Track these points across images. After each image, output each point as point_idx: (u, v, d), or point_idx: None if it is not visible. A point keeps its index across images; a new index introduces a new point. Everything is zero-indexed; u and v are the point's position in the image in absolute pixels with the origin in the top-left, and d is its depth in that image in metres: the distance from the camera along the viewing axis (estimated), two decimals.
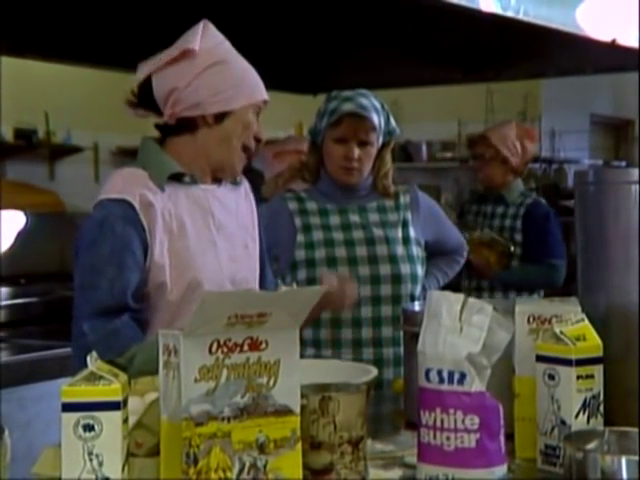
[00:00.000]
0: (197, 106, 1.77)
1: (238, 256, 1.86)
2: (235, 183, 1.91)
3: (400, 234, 2.35)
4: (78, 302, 1.73)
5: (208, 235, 1.81)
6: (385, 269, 2.30)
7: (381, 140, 2.33)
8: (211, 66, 1.77)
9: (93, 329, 1.68)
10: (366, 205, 2.38)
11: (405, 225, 2.37)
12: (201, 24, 1.80)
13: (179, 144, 1.81)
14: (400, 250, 2.32)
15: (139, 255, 1.71)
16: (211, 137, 1.80)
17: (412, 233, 2.37)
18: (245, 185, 1.96)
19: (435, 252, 2.49)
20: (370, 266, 2.30)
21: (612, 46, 3.48)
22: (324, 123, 2.32)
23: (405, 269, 2.31)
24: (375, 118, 2.28)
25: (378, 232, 2.34)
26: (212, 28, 1.82)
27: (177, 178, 1.80)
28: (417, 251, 2.37)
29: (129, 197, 1.72)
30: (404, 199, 2.40)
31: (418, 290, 2.34)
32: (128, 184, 1.75)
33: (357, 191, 2.38)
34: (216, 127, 1.79)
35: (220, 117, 1.78)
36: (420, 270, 2.36)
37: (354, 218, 2.35)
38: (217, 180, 1.87)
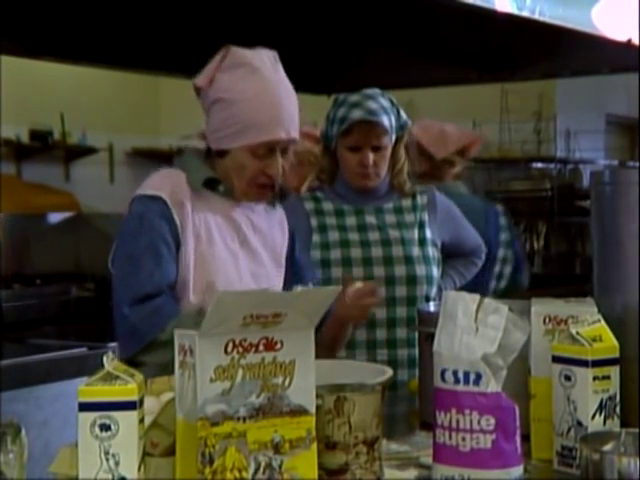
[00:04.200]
0: (207, 137, 1.85)
1: (260, 273, 1.89)
2: (272, 205, 1.95)
3: (416, 235, 2.35)
4: (118, 290, 1.78)
5: (231, 245, 1.85)
6: (400, 270, 2.29)
7: (394, 137, 2.32)
8: (213, 103, 1.81)
9: (134, 311, 1.74)
10: (382, 206, 2.37)
11: (421, 226, 2.36)
12: (221, 53, 1.81)
13: (214, 160, 1.88)
14: (416, 251, 2.32)
15: (174, 248, 1.78)
16: (221, 168, 1.85)
17: (428, 234, 2.36)
18: (281, 213, 1.99)
19: (452, 253, 2.48)
20: (385, 267, 2.29)
21: (628, 46, 3.46)
22: (335, 130, 2.31)
23: (420, 270, 2.30)
24: (386, 121, 2.26)
25: (394, 233, 2.33)
26: (236, 56, 1.81)
27: (212, 187, 1.85)
28: (433, 252, 2.36)
29: (162, 194, 1.79)
30: (421, 200, 2.39)
31: (433, 291, 2.33)
32: (163, 182, 1.82)
33: (374, 192, 2.37)
34: (221, 160, 1.84)
35: (220, 153, 1.84)
36: (436, 271, 2.35)
37: (370, 219, 2.35)
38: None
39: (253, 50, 1.84)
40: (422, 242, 2.34)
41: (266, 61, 1.82)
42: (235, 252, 1.85)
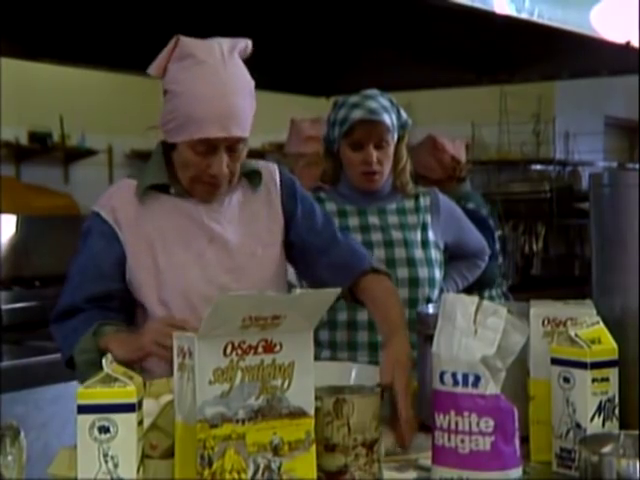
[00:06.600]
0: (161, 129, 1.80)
1: (239, 266, 1.81)
2: (254, 190, 1.85)
3: (419, 237, 2.34)
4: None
5: (195, 246, 1.78)
6: (402, 272, 2.28)
7: (395, 136, 2.32)
8: (164, 94, 1.76)
9: (56, 333, 1.79)
10: (385, 207, 2.36)
11: (424, 228, 2.36)
12: (172, 42, 1.74)
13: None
14: (418, 253, 2.31)
15: (107, 268, 1.77)
16: (175, 161, 1.79)
17: (431, 236, 2.36)
18: (271, 186, 1.87)
19: (455, 255, 2.48)
20: (387, 269, 2.28)
21: (626, 48, 3.47)
22: (336, 132, 2.30)
23: (423, 273, 2.30)
24: (387, 119, 2.27)
25: (397, 234, 2.32)
26: (185, 45, 1.73)
27: (164, 189, 1.79)
28: (435, 254, 2.35)
29: (103, 211, 1.78)
30: (424, 201, 2.39)
31: (435, 294, 2.32)
32: (111, 198, 1.80)
33: (377, 193, 2.37)
34: (174, 154, 1.77)
35: (172, 146, 1.76)
36: (438, 274, 2.35)
37: (373, 220, 2.34)
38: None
39: (205, 40, 1.74)
40: (425, 244, 2.34)
41: (216, 53, 1.70)
42: (201, 252, 1.78)
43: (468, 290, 2.57)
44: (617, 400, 1.41)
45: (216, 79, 1.70)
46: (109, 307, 1.77)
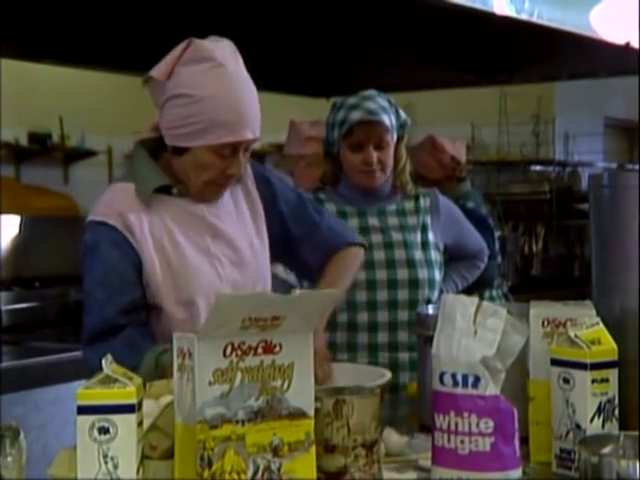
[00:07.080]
0: (163, 133, 1.76)
1: (243, 259, 1.84)
2: (236, 181, 1.86)
3: (419, 238, 2.34)
4: (83, 321, 1.77)
5: (201, 244, 1.80)
6: (402, 273, 2.29)
7: (395, 136, 2.32)
8: (172, 98, 1.72)
9: (92, 355, 1.70)
10: (385, 208, 2.37)
11: (424, 229, 2.36)
12: (183, 44, 1.72)
13: (169, 157, 1.80)
14: (418, 254, 2.32)
15: (129, 275, 1.74)
16: (177, 164, 1.78)
17: (431, 237, 2.36)
18: (247, 179, 1.90)
19: (455, 256, 2.49)
20: (387, 270, 2.29)
21: (626, 49, 3.47)
22: (336, 134, 2.31)
23: (423, 274, 2.30)
24: (386, 119, 2.27)
25: (397, 236, 2.33)
26: (198, 49, 1.72)
27: (165, 190, 1.79)
28: (435, 256, 2.36)
29: (111, 220, 1.74)
30: (424, 202, 2.39)
31: (435, 295, 2.33)
32: (112, 204, 1.76)
33: (377, 194, 2.37)
34: (178, 157, 1.76)
35: (178, 150, 1.75)
36: (438, 275, 2.35)
37: (373, 221, 2.35)
38: None
39: (215, 42, 1.74)
40: (425, 245, 2.34)
41: (228, 55, 1.72)
42: (207, 249, 1.80)
43: (468, 290, 2.58)
44: (617, 401, 1.41)
45: (236, 82, 1.72)
46: (140, 321, 1.75)
